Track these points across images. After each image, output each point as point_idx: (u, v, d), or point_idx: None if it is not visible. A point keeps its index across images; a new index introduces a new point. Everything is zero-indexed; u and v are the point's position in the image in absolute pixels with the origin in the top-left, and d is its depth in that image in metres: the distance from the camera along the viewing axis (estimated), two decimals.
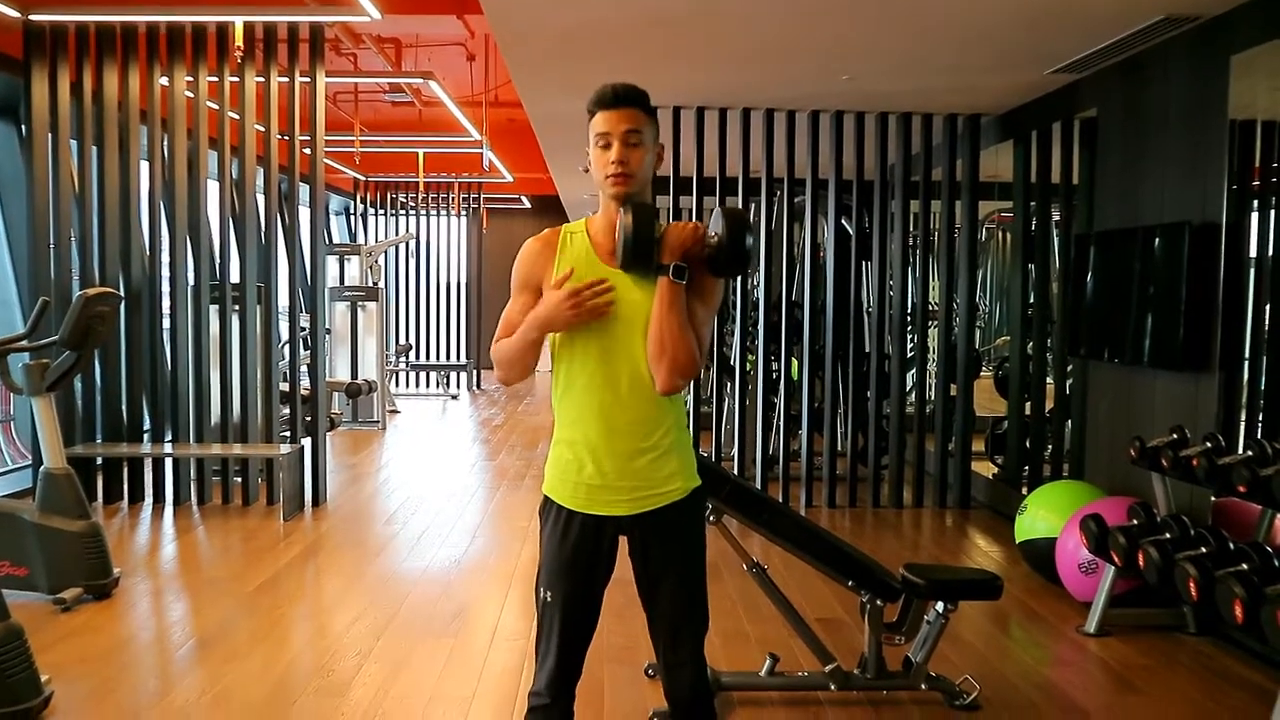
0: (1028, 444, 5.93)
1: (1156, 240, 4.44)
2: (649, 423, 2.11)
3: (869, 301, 7.17)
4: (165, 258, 6.24)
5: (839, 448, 6.90)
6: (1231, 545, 3.31)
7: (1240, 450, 3.57)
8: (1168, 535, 3.56)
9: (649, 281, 2.08)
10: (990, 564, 5.14)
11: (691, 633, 2.18)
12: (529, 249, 2.17)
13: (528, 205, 15.69)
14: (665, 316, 2.03)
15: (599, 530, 2.13)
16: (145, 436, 6.34)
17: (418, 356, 14.04)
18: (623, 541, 2.17)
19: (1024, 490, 5.67)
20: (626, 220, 2.03)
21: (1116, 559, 3.73)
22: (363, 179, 13.12)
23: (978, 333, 6.66)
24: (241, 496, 6.27)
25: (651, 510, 2.12)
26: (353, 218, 14.13)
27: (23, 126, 6.05)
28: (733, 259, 2.09)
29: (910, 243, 6.52)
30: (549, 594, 2.16)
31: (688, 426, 2.26)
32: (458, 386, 13.70)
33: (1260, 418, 4.04)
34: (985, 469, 6.55)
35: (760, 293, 6.68)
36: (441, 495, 6.75)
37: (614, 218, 2.10)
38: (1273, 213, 4.07)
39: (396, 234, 13.69)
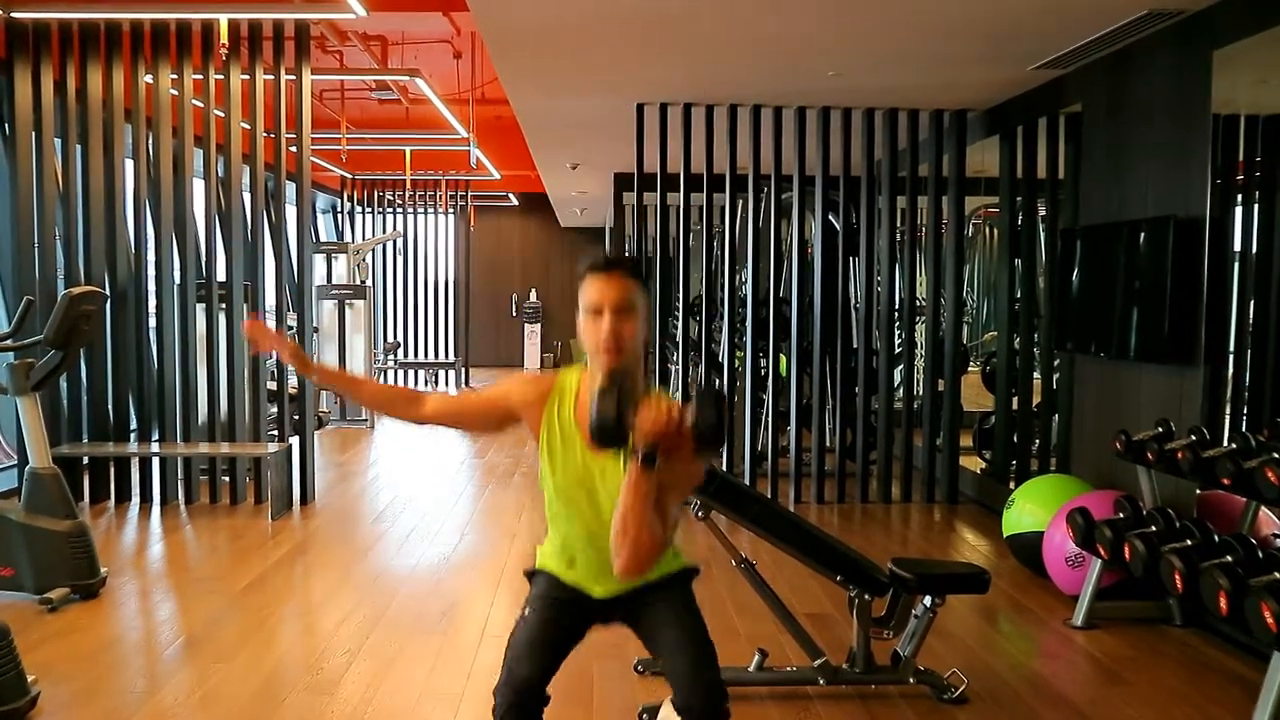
0: (1015, 438, 5.95)
1: (1141, 234, 4.46)
2: None
3: (856, 297, 7.18)
4: (151, 256, 6.21)
5: (827, 443, 6.92)
6: (1216, 537, 3.33)
7: (1225, 443, 3.59)
8: (1153, 528, 3.59)
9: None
10: (978, 558, 5.16)
11: (705, 653, 2.18)
12: (528, 380, 2.26)
13: (515, 202, 15.62)
14: (630, 502, 1.98)
15: (582, 600, 2.23)
16: (132, 436, 6.31)
17: (406, 354, 14.01)
18: None
19: (1011, 484, 5.69)
20: (596, 408, 1.96)
21: (1103, 552, 3.75)
22: (349, 177, 13.08)
23: (965, 328, 6.68)
24: (229, 495, 6.25)
25: (638, 586, 2.19)
26: (339, 216, 14.09)
27: (6, 125, 6.02)
28: (708, 442, 2.01)
29: (897, 238, 6.53)
30: (528, 610, 2.25)
31: (677, 538, 2.25)
32: (446, 384, 13.68)
33: (1244, 410, 4.07)
34: (973, 464, 6.58)
35: (748, 289, 6.68)
36: (430, 493, 6.74)
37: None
38: (1256, 206, 4.10)
39: (384, 232, 13.66)
